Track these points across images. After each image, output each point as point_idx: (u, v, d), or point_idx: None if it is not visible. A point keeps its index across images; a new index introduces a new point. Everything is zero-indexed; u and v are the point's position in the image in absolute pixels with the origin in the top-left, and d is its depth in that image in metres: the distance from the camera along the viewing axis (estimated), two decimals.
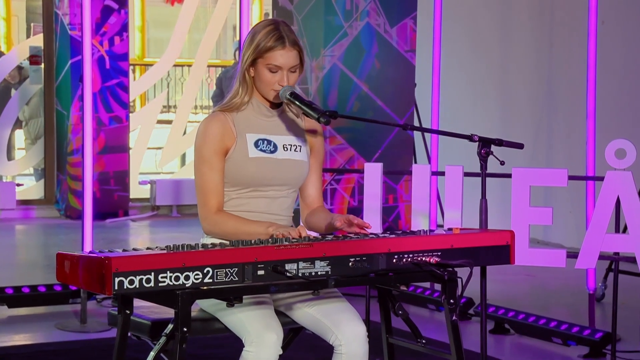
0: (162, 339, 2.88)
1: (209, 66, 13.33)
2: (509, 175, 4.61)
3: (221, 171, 3.14)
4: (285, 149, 3.22)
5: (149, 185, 10.21)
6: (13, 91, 10.14)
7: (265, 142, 3.20)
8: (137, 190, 10.14)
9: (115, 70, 9.58)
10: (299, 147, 3.25)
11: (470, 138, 3.37)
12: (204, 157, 3.14)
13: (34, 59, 9.89)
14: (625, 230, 5.51)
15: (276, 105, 3.24)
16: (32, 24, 11.14)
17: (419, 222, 4.87)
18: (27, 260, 7.70)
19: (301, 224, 3.33)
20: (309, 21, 6.79)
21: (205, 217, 3.14)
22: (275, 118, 3.25)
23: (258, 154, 3.17)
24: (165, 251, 2.70)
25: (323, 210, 3.30)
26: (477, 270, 3.19)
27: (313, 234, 3.23)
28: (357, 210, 6.61)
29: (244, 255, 2.74)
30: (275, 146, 3.21)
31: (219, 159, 3.13)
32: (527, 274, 6.95)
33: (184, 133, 10.69)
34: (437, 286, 5.71)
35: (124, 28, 9.61)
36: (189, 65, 11.72)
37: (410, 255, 2.99)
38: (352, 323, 3.03)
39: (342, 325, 3.02)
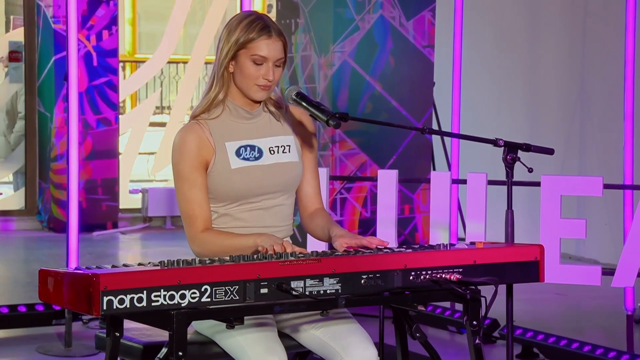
0: None
1: (206, 63, 13.36)
2: (537, 184, 4.60)
3: (204, 187, 3.14)
4: (272, 151, 3.22)
5: (140, 195, 10.22)
6: None
7: (248, 148, 3.19)
8: (128, 200, 10.15)
9: (103, 68, 9.61)
10: (287, 147, 3.24)
11: (494, 143, 3.37)
12: (183, 174, 3.14)
13: (13, 55, 9.92)
14: None
15: (254, 105, 3.23)
16: (11, 17, 11.17)
17: (438, 235, 4.87)
18: (6, 277, 7.71)
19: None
20: (317, 14, 6.80)
21: (193, 239, 3.14)
22: (256, 120, 3.23)
23: (241, 163, 3.17)
24: (158, 267, 2.71)
25: (322, 215, 3.29)
26: (502, 288, 3.18)
27: (320, 245, 3.23)
28: (369, 222, 6.61)
29: (246, 271, 2.74)
30: (260, 151, 3.20)
31: (199, 175, 3.13)
32: (558, 292, 6.94)
33: None
34: (459, 306, 5.71)
35: (113, 21, 9.64)
36: (185, 62, 11.76)
37: (429, 272, 2.99)
38: (362, 346, 3.03)
39: (351, 349, 3.03)
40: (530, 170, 3.42)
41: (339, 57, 6.68)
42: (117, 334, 2.95)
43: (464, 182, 4.87)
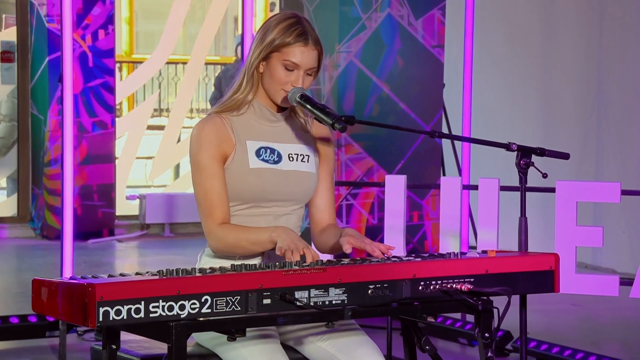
0: None
1: (206, 64, 13.39)
2: (552, 190, 4.60)
3: (223, 179, 3.14)
4: (291, 158, 3.23)
5: (137, 201, 10.23)
6: None
7: (269, 150, 3.21)
8: (124, 206, 10.17)
9: (99, 69, 9.62)
10: (306, 157, 3.26)
11: (507, 147, 3.37)
12: (202, 164, 3.14)
13: (5, 55, 9.94)
14: None
15: (281, 109, 3.25)
16: (3, 15, 11.20)
17: (449, 243, 4.87)
18: None
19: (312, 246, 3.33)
20: (322, 12, 6.81)
21: (210, 232, 3.14)
22: (280, 124, 3.26)
23: (260, 164, 3.18)
24: (157, 277, 2.71)
25: (334, 228, 3.30)
26: (515, 299, 3.18)
27: (327, 256, 3.23)
28: (377, 230, 6.61)
29: (248, 281, 2.74)
30: (279, 156, 3.22)
31: (219, 166, 3.14)
32: (573, 303, 6.93)
33: (178, 140, 10.73)
34: (470, 317, 5.71)
35: (110, 20, 9.66)
36: (184, 63, 11.76)
37: (439, 282, 2.99)
38: (371, 359, 3.03)
39: None
40: (544, 175, 3.42)
41: (345, 58, 6.69)
42: (114, 347, 2.94)
43: (476, 187, 4.87)
